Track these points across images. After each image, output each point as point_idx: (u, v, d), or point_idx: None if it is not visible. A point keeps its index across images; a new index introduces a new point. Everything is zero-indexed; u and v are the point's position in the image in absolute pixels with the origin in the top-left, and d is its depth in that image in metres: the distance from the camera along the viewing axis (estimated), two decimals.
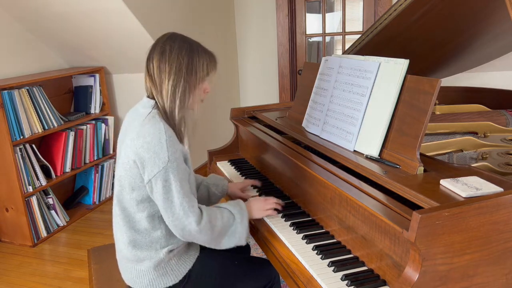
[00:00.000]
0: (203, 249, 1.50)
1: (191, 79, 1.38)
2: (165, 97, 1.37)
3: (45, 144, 3.25)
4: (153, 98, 1.40)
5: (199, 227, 1.33)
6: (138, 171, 1.33)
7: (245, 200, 1.59)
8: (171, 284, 1.41)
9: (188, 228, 1.32)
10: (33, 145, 2.97)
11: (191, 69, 1.38)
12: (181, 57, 1.36)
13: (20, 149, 2.86)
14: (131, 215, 1.39)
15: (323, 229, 1.43)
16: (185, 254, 1.45)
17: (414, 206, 1.08)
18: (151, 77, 1.39)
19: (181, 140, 1.41)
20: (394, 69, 1.38)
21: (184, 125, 1.42)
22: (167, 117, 1.37)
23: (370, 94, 1.45)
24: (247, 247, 1.79)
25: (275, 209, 1.55)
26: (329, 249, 1.30)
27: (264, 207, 1.53)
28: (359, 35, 2.02)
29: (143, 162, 1.30)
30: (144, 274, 1.40)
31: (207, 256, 1.49)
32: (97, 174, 3.53)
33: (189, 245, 1.48)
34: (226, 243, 1.42)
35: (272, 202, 1.55)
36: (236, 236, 1.42)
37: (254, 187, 1.80)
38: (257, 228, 1.56)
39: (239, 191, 1.74)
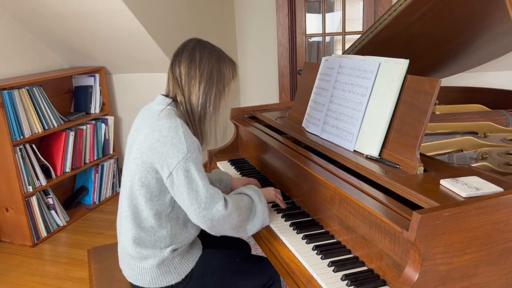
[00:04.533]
0: (205, 247, 1.51)
1: (220, 86, 1.42)
2: (194, 102, 1.40)
3: (45, 144, 3.26)
4: (173, 97, 1.42)
5: (228, 210, 1.33)
6: (151, 166, 1.33)
7: None
8: (173, 282, 1.41)
9: (217, 215, 1.31)
10: (33, 145, 2.98)
11: (220, 76, 1.42)
12: (211, 64, 1.40)
13: (20, 149, 2.86)
14: (138, 212, 1.39)
15: (323, 229, 1.43)
16: (188, 253, 1.45)
17: (414, 206, 1.08)
18: (177, 81, 1.41)
19: (204, 140, 1.44)
20: (394, 69, 1.38)
21: (214, 130, 1.46)
22: (192, 120, 1.40)
23: (370, 94, 1.45)
24: (247, 246, 1.79)
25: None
26: (329, 249, 1.30)
27: (273, 191, 1.58)
28: (359, 35, 2.02)
29: (161, 156, 1.30)
30: (147, 271, 1.40)
31: (209, 255, 1.49)
32: (97, 174, 3.53)
33: (192, 244, 1.48)
34: (252, 227, 1.43)
35: (279, 193, 1.60)
36: (259, 216, 1.43)
37: None
38: None
39: (242, 186, 1.74)
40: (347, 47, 2.43)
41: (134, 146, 1.39)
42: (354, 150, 1.47)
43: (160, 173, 1.33)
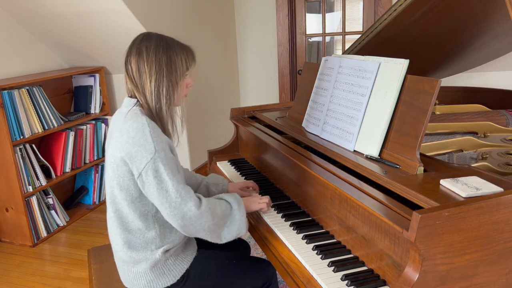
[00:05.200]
0: (201, 248, 1.50)
1: (172, 77, 1.39)
2: (149, 97, 1.38)
3: (45, 144, 3.25)
4: (135, 97, 1.41)
5: (200, 210, 1.31)
6: (125, 169, 1.32)
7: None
8: (169, 284, 1.40)
9: (188, 215, 1.30)
10: (33, 145, 2.97)
11: (171, 67, 1.38)
12: (159, 56, 1.37)
13: (20, 149, 2.86)
14: (123, 216, 1.38)
15: (323, 229, 1.43)
16: (182, 254, 1.44)
17: (414, 206, 1.08)
18: (131, 79, 1.40)
19: (168, 136, 1.41)
20: (394, 69, 1.38)
21: (172, 122, 1.43)
22: (154, 116, 1.38)
23: (370, 94, 1.45)
24: (246, 247, 1.79)
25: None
26: (329, 249, 1.30)
27: (257, 200, 1.56)
28: (359, 35, 2.02)
29: (131, 157, 1.30)
30: (141, 275, 1.40)
31: (205, 255, 1.49)
32: (97, 174, 3.53)
33: (186, 244, 1.47)
34: (227, 234, 1.40)
35: (266, 198, 1.58)
36: (235, 224, 1.41)
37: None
38: (257, 227, 1.56)
39: (239, 190, 1.74)
40: (347, 47, 2.43)
41: (108, 152, 1.39)
42: (354, 150, 1.47)
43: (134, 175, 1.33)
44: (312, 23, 4.15)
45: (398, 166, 1.29)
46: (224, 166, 2.12)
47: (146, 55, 1.37)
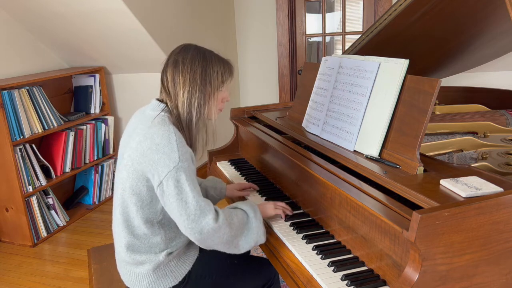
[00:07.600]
0: (202, 249, 1.50)
1: (206, 90, 1.38)
2: (180, 108, 1.37)
3: (45, 144, 3.26)
4: (164, 103, 1.40)
5: (218, 223, 1.28)
6: (142, 174, 1.31)
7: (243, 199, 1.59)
8: (170, 285, 1.40)
9: (206, 228, 1.27)
10: (33, 145, 2.98)
11: (205, 80, 1.37)
12: (194, 67, 1.36)
13: (20, 149, 2.86)
14: (130, 220, 1.37)
15: (323, 229, 1.43)
16: (184, 255, 1.44)
17: (414, 206, 1.08)
18: (165, 89, 1.39)
19: (193, 148, 1.40)
20: (394, 69, 1.38)
21: (201, 135, 1.42)
22: (182, 126, 1.37)
23: (370, 94, 1.45)
24: None
25: (286, 215, 1.53)
26: (329, 249, 1.30)
27: (275, 206, 1.52)
28: (359, 35, 2.02)
29: (152, 164, 1.28)
30: (143, 276, 1.39)
31: (206, 256, 1.48)
32: (97, 174, 3.53)
33: (189, 246, 1.47)
34: (245, 244, 1.37)
35: (282, 203, 1.54)
36: (253, 232, 1.38)
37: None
38: None
39: (237, 192, 1.74)
40: (347, 47, 2.43)
41: (126, 153, 1.37)
42: (354, 150, 1.47)
43: (151, 182, 1.31)
44: (312, 23, 4.15)
45: (398, 166, 1.29)
46: (224, 166, 2.12)
47: (182, 66, 1.36)
